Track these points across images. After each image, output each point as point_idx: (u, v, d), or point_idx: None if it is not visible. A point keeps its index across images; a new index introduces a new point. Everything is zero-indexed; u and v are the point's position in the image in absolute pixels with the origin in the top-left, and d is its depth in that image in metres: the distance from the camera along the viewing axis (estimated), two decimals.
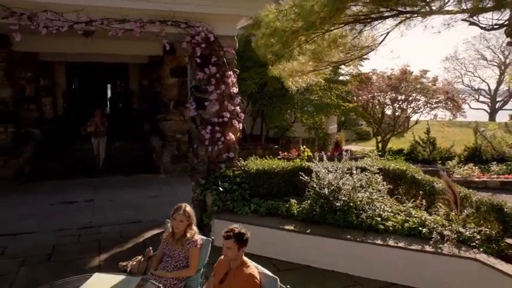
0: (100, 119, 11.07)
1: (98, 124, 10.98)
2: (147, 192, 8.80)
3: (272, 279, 3.06)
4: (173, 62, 10.14)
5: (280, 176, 6.31)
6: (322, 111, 11.32)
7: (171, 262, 3.79)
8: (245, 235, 3.16)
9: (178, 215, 3.75)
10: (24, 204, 7.87)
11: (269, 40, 4.42)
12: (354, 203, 5.47)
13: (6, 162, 9.12)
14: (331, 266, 5.21)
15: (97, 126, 10.92)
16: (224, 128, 6.34)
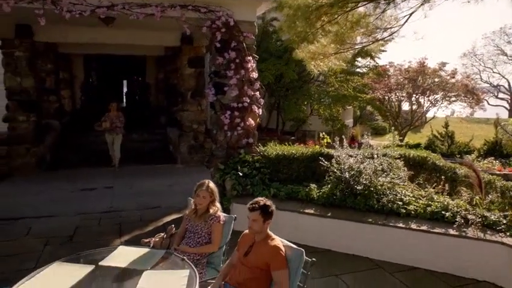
0: (115, 113, 9.98)
1: (113, 119, 9.86)
2: (165, 181, 8.86)
3: (298, 251, 3.04)
4: (191, 52, 10.18)
5: (299, 162, 6.29)
6: (339, 102, 11.23)
7: (193, 238, 3.79)
8: (270, 207, 3.14)
9: (201, 190, 3.75)
10: (46, 190, 8.01)
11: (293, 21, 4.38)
12: (375, 188, 5.42)
13: (29, 151, 9.29)
14: (352, 249, 5.18)
15: (112, 122, 9.81)
16: (243, 114, 6.34)
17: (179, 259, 3.28)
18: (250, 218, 3.10)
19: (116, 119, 9.86)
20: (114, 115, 9.89)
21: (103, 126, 9.76)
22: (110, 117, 9.82)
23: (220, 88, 6.37)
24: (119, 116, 9.94)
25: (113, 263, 3.17)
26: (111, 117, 9.83)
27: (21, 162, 9.21)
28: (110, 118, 9.81)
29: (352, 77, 12.26)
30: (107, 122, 9.74)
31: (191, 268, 3.06)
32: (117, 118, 9.88)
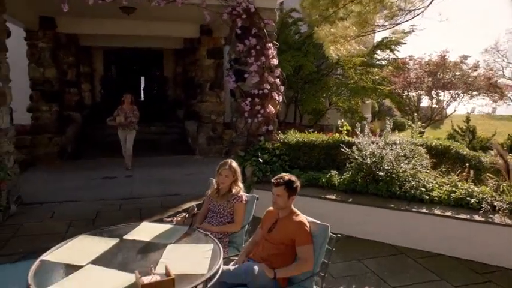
0: (129, 106, 8.76)
1: (127, 113, 8.68)
2: (184, 171, 8.92)
3: (323, 226, 3.01)
4: (210, 44, 10.20)
5: (320, 149, 6.24)
6: (358, 94, 11.11)
7: (216, 217, 3.79)
8: (295, 183, 3.12)
9: (224, 169, 3.75)
10: (68, 178, 8.14)
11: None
12: (397, 174, 5.34)
13: (51, 140, 9.46)
14: (373, 236, 5.11)
15: (126, 116, 8.64)
16: (264, 101, 6.32)
17: (202, 235, 3.29)
18: (274, 193, 3.09)
19: (130, 112, 8.69)
20: (128, 108, 8.71)
21: (117, 121, 8.60)
22: (123, 111, 8.67)
23: (240, 75, 6.36)
24: (133, 110, 8.76)
25: (136, 237, 3.20)
26: (125, 111, 8.66)
27: (43, 152, 9.38)
28: (123, 112, 8.65)
29: (371, 69, 12.10)
30: (121, 116, 8.59)
31: (215, 243, 3.07)
32: (131, 112, 8.71)
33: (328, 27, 5.27)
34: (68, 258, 2.76)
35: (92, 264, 2.67)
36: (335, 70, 12.82)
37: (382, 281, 4.07)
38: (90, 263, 2.68)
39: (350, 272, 4.27)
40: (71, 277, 2.49)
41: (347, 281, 4.08)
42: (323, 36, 5.63)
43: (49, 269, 2.62)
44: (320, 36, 5.79)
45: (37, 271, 2.58)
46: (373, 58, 12.20)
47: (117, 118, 8.62)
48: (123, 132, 8.83)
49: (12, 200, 5.99)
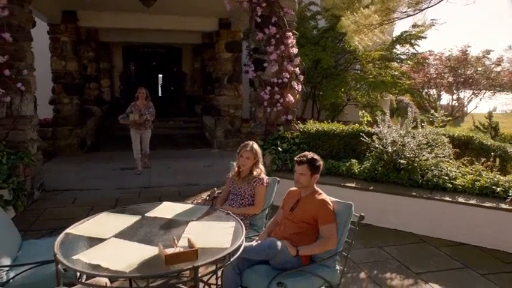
0: (144, 102, 7.72)
1: (142, 110, 7.62)
2: (202, 163, 8.95)
3: (346, 204, 2.97)
4: (228, 37, 10.22)
5: (339, 138, 6.17)
6: (377, 88, 10.95)
7: (236, 200, 3.78)
8: (318, 161, 3.09)
9: (245, 151, 3.73)
10: (88, 168, 8.27)
11: None
12: (419, 163, 5.24)
13: (72, 132, 9.63)
14: (394, 224, 5.03)
15: (141, 114, 7.57)
16: (283, 90, 6.29)
17: (224, 213, 3.28)
18: (297, 171, 3.05)
19: (144, 109, 7.64)
20: (142, 104, 7.68)
21: (130, 119, 7.54)
22: (137, 108, 7.65)
23: (260, 64, 6.35)
24: (149, 106, 7.71)
25: (158, 214, 3.22)
26: (139, 108, 7.64)
27: (65, 143, 9.55)
28: (137, 108, 7.64)
29: (390, 63, 11.92)
30: (135, 113, 7.55)
31: (237, 221, 3.05)
32: (146, 108, 7.66)
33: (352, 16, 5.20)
34: (92, 232, 2.79)
35: (115, 237, 2.69)
36: (353, 65, 12.67)
37: (404, 267, 3.99)
38: (113, 236, 2.70)
39: (371, 259, 4.20)
40: (95, 248, 2.51)
41: (368, 266, 4.02)
42: (346, 25, 5.56)
43: (74, 240, 2.65)
44: (343, 25, 5.73)
45: (62, 242, 2.61)
46: (392, 53, 11.99)
47: (131, 116, 7.53)
48: (137, 131, 7.73)
49: (36, 186, 6.10)
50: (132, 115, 7.57)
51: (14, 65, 5.55)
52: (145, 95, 7.77)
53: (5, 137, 5.55)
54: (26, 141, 5.75)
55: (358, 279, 3.75)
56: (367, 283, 3.68)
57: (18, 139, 5.66)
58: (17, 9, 5.60)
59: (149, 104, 7.80)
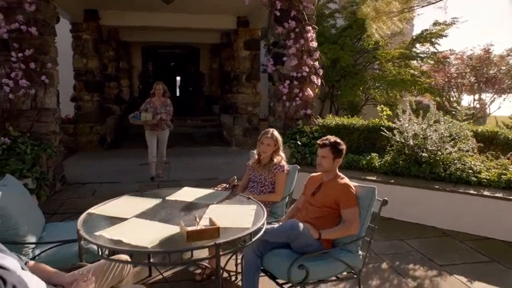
0: (161, 99, 6.72)
1: (158, 108, 6.63)
2: (220, 160, 8.97)
3: (369, 188, 2.92)
4: (246, 35, 10.25)
5: (359, 132, 6.11)
6: (396, 87, 10.80)
7: (256, 187, 3.76)
8: (341, 145, 3.05)
9: (266, 138, 3.71)
10: (108, 163, 8.38)
11: None
12: (441, 156, 5.13)
13: (92, 129, 9.78)
14: (416, 218, 4.93)
15: (157, 112, 6.59)
16: (302, 84, 6.26)
17: (245, 198, 3.27)
18: (319, 154, 3.02)
19: (161, 107, 6.65)
20: (159, 102, 6.70)
21: (142, 119, 6.50)
22: (153, 105, 6.67)
23: (279, 58, 6.33)
24: (166, 104, 6.71)
25: (179, 198, 3.23)
26: (155, 105, 6.66)
27: (85, 140, 9.71)
28: (153, 106, 6.66)
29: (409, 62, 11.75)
30: (149, 112, 6.56)
31: (257, 204, 3.04)
32: (162, 106, 6.66)
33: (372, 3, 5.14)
34: (113, 212, 2.81)
35: (136, 217, 2.70)
36: (372, 64, 12.55)
37: (427, 259, 3.90)
38: (134, 216, 2.72)
39: (392, 250, 4.12)
40: (116, 226, 2.53)
41: (390, 257, 3.94)
42: (366, 12, 5.51)
43: (96, 219, 2.68)
44: (363, 13, 5.68)
45: (85, 220, 2.63)
46: (411, 52, 11.82)
47: (143, 115, 6.50)
48: (153, 133, 6.77)
49: (58, 178, 6.21)
50: (144, 114, 6.49)
51: (39, 58, 5.67)
52: (163, 90, 6.74)
53: (29, 129, 5.66)
54: (48, 133, 5.85)
55: (379, 269, 3.68)
56: (389, 273, 3.61)
57: (41, 131, 5.76)
58: (42, 5, 5.74)
59: (167, 101, 6.75)
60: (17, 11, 5.47)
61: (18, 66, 5.46)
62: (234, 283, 3.43)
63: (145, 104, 6.75)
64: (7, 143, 5.24)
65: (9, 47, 5.49)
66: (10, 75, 5.46)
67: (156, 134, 6.82)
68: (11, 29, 5.44)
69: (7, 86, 5.46)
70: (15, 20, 5.44)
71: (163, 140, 6.96)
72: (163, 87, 6.81)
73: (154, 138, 6.84)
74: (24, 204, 3.08)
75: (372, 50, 11.83)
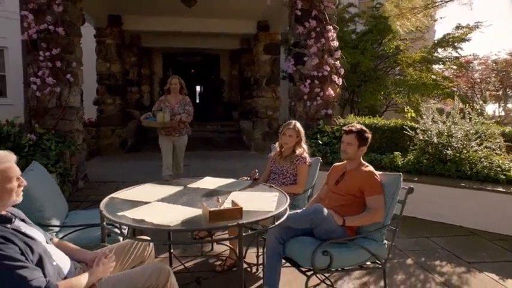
0: (178, 97, 5.47)
1: (175, 107, 5.38)
2: (239, 163, 8.94)
3: (395, 175, 2.85)
4: (266, 39, 10.29)
5: (382, 132, 6.02)
6: (418, 91, 10.62)
7: (278, 179, 3.72)
8: (367, 133, 2.99)
9: (288, 129, 3.68)
10: (129, 164, 8.49)
11: None
12: (467, 154, 5.00)
13: (114, 132, 9.93)
14: (441, 217, 4.80)
15: (174, 113, 5.32)
16: (323, 84, 6.22)
17: (267, 186, 3.24)
18: (344, 141, 2.98)
19: (179, 106, 5.41)
20: (175, 100, 5.45)
21: (159, 120, 5.21)
22: (169, 104, 5.42)
23: (300, 58, 6.32)
24: (184, 102, 5.47)
25: (200, 185, 3.22)
26: (171, 105, 5.41)
27: (107, 142, 9.86)
28: (169, 105, 5.40)
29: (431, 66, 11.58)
30: (165, 112, 5.26)
31: (280, 191, 3.01)
32: (180, 105, 5.43)
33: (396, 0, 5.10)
34: (136, 196, 2.83)
35: (158, 201, 2.70)
36: (393, 70, 12.42)
37: (454, 256, 3.77)
38: (157, 200, 2.72)
39: (417, 247, 4.01)
40: (138, 208, 2.53)
41: (415, 254, 3.83)
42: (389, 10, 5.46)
43: (118, 203, 2.69)
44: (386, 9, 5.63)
45: (108, 204, 2.65)
46: (433, 56, 11.65)
47: (159, 115, 5.21)
48: (168, 139, 5.51)
49: (80, 176, 6.30)
50: (160, 114, 5.19)
51: (65, 57, 5.81)
52: (180, 86, 5.49)
53: (54, 126, 5.78)
54: (72, 131, 5.96)
55: (404, 265, 3.58)
56: (415, 268, 3.50)
57: (65, 129, 5.88)
58: (69, 6, 5.90)
59: (185, 99, 5.51)
60: (46, 12, 5.64)
61: (45, 65, 5.61)
62: (255, 274, 3.39)
63: (159, 103, 5.46)
64: (33, 139, 5.36)
65: (37, 47, 5.65)
66: (37, 73, 5.61)
67: (172, 140, 5.52)
68: (40, 30, 5.61)
69: (34, 84, 5.61)
70: (44, 20, 5.61)
71: (181, 147, 5.66)
72: (181, 82, 5.52)
73: (170, 145, 5.55)
74: (50, 189, 3.12)
75: (392, 55, 11.72)
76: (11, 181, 1.84)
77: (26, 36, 5.63)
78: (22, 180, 1.91)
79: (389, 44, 11.43)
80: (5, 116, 6.10)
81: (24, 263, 1.71)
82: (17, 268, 1.67)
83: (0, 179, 1.80)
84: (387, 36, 11.16)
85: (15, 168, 1.87)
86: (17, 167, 1.89)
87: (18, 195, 1.90)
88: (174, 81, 5.51)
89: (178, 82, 5.52)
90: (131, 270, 2.19)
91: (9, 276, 1.65)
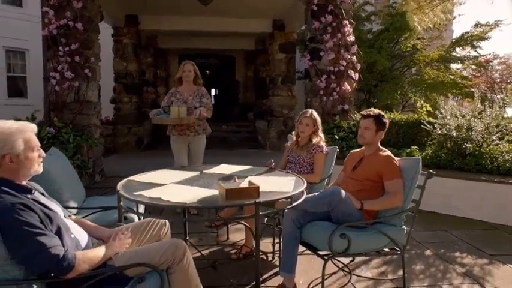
0: (192, 88, 4.42)
1: (189, 101, 4.36)
2: (255, 161, 8.75)
3: (414, 159, 2.79)
4: (282, 38, 10.28)
5: (398, 127, 5.94)
6: (436, 89, 10.45)
7: (294, 168, 3.68)
8: (385, 118, 2.94)
9: (304, 117, 3.65)
10: (146, 161, 8.52)
11: None
12: (488, 148, 4.89)
13: (130, 130, 10.03)
14: (460, 211, 4.69)
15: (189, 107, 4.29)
16: (339, 79, 6.18)
17: (283, 172, 3.22)
18: (362, 126, 2.94)
19: (193, 98, 4.37)
20: (189, 92, 4.40)
21: (173, 115, 4.16)
22: (181, 96, 4.37)
23: (316, 53, 6.30)
24: (200, 93, 4.40)
25: (217, 171, 3.22)
26: (185, 97, 4.37)
27: (123, 141, 9.96)
28: (182, 98, 4.36)
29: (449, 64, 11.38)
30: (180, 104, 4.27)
31: (296, 176, 2.98)
32: (196, 97, 4.37)
33: None
34: (152, 179, 2.83)
35: (174, 184, 2.71)
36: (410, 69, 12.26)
37: (475, 249, 3.68)
38: (173, 183, 2.72)
39: (436, 240, 3.92)
40: (155, 189, 2.54)
41: (434, 246, 3.75)
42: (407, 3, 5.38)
43: (135, 184, 2.71)
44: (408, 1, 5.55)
45: (125, 185, 2.67)
46: (451, 56, 11.46)
47: (174, 109, 4.14)
48: (182, 140, 4.50)
49: (97, 170, 6.37)
50: (175, 108, 4.10)
51: (83, 53, 5.90)
52: (195, 73, 4.39)
53: (72, 121, 5.87)
54: (90, 125, 6.04)
55: (423, 256, 3.50)
56: (434, 259, 3.42)
57: (83, 123, 5.96)
58: (88, 2, 6.00)
59: (201, 90, 4.43)
60: (66, 8, 5.75)
61: (65, 60, 5.71)
62: (271, 263, 3.36)
63: (170, 96, 4.42)
64: (52, 132, 5.44)
65: (57, 42, 5.76)
66: (57, 68, 5.71)
67: (187, 142, 4.51)
68: (59, 25, 5.72)
69: (54, 79, 5.71)
70: (63, 16, 5.72)
71: (198, 150, 4.61)
72: (195, 69, 4.43)
73: (184, 148, 4.54)
74: (68, 174, 3.16)
75: (409, 54, 11.59)
76: (33, 150, 1.86)
77: (47, 31, 5.74)
78: (41, 151, 1.92)
79: (406, 43, 11.30)
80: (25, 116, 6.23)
81: (43, 231, 1.72)
82: (37, 235, 1.68)
83: (24, 147, 1.81)
84: (404, 34, 11.04)
85: (36, 138, 1.89)
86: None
87: (39, 164, 1.92)
88: (187, 67, 4.38)
89: (193, 69, 4.41)
90: (148, 245, 2.19)
91: (29, 242, 1.66)
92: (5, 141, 1.77)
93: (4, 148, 1.77)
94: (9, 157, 1.78)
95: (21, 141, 1.80)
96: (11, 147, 1.78)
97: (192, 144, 4.57)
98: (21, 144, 1.80)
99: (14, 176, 1.82)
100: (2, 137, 1.77)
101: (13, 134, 1.80)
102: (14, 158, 1.79)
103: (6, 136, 1.78)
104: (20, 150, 1.80)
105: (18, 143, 1.80)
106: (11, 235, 1.66)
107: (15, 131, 1.81)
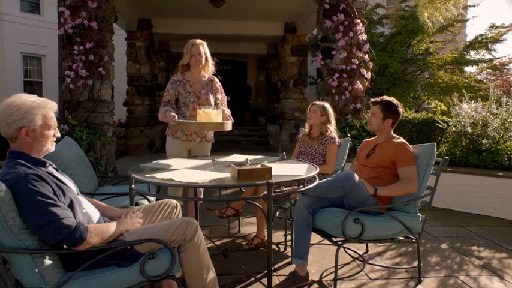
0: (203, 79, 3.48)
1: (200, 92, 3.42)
2: None
3: (428, 145, 2.75)
4: (294, 41, 10.30)
5: (411, 125, 5.85)
6: (450, 92, 10.31)
7: (306, 159, 3.64)
8: (394, 105, 2.88)
9: (313, 105, 3.66)
10: None
11: None
12: (504, 144, 4.79)
13: (142, 132, 10.10)
14: (476, 208, 4.60)
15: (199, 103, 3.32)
16: (352, 78, 6.14)
17: (296, 160, 3.20)
18: (370, 112, 2.92)
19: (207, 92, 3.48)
20: (200, 82, 3.49)
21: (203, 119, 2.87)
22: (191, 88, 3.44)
23: (327, 52, 6.28)
24: (213, 85, 3.57)
25: (228, 159, 3.21)
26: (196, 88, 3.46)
27: (135, 143, 10.03)
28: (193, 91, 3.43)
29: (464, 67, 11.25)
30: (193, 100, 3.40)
31: (309, 163, 2.96)
32: (209, 91, 3.51)
33: None
34: (164, 166, 2.83)
35: (187, 169, 2.70)
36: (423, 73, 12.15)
37: (493, 243, 3.59)
38: (185, 168, 2.72)
39: (453, 234, 3.84)
40: (168, 172, 2.54)
41: (450, 240, 3.67)
42: None
43: (147, 170, 2.70)
44: None
45: (137, 170, 2.67)
46: (465, 59, 11.32)
47: (204, 113, 2.89)
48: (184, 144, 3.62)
49: (109, 169, 6.40)
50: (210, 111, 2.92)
51: (97, 52, 5.97)
52: (205, 56, 3.48)
53: (85, 119, 5.92)
54: (103, 123, 6.09)
55: (439, 249, 3.42)
56: (450, 252, 3.35)
57: (96, 121, 6.01)
58: (103, 3, 6.09)
59: (214, 82, 3.59)
60: (81, 8, 5.85)
61: (79, 59, 5.78)
62: (283, 253, 3.32)
63: (176, 87, 3.44)
64: (66, 129, 5.50)
65: (72, 41, 5.85)
66: (72, 67, 5.79)
67: (187, 147, 3.65)
68: (75, 25, 5.81)
69: (68, 78, 5.79)
70: (79, 16, 5.81)
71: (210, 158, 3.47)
72: (206, 51, 3.51)
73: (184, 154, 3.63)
74: (81, 161, 3.18)
75: (422, 57, 11.50)
76: (50, 129, 1.87)
77: (63, 31, 5.84)
78: (57, 131, 1.93)
79: (419, 46, 11.23)
80: None
81: (56, 202, 1.72)
82: (49, 205, 1.68)
83: (42, 123, 1.82)
84: (416, 37, 10.98)
85: (54, 117, 1.90)
86: None
87: (52, 144, 1.93)
88: (195, 49, 3.42)
89: (204, 52, 3.47)
90: (160, 222, 2.18)
91: (42, 211, 1.66)
92: (25, 113, 1.78)
93: (22, 120, 1.78)
94: (25, 130, 1.79)
95: (40, 117, 1.82)
96: (29, 120, 1.79)
97: (194, 152, 3.63)
98: (39, 120, 1.81)
99: (29, 150, 1.84)
100: (24, 109, 1.78)
101: (34, 108, 1.81)
102: (30, 132, 1.80)
103: (28, 109, 1.79)
104: (37, 125, 1.81)
105: (37, 118, 1.81)
106: (25, 204, 1.67)
107: (37, 106, 1.82)
